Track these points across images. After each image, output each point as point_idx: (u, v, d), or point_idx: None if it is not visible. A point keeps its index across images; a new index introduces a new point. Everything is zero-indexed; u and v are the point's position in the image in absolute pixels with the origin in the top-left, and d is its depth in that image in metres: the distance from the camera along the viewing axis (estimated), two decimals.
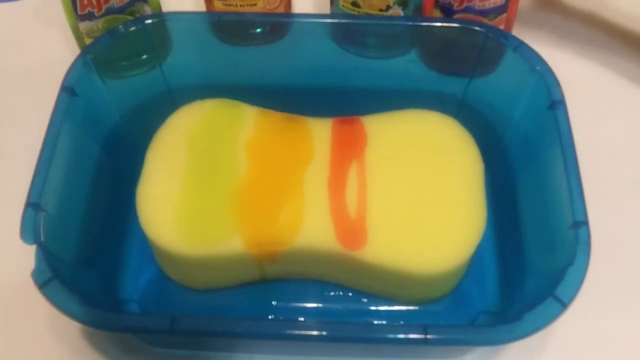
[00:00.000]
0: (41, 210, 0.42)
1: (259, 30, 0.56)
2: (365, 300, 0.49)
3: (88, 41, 0.55)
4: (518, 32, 0.54)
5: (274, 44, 0.54)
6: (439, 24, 0.53)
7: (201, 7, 0.57)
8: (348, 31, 0.54)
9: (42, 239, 0.41)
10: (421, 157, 0.49)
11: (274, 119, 0.52)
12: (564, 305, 0.39)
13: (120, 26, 0.52)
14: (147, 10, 0.56)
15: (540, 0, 0.64)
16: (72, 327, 0.47)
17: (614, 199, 0.53)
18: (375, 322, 0.49)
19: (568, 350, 0.47)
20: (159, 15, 0.54)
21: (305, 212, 0.47)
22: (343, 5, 0.54)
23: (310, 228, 0.46)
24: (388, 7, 0.53)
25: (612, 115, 0.58)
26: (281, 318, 0.49)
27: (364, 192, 0.48)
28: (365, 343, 0.44)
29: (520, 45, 0.50)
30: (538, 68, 0.48)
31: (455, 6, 0.53)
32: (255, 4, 0.56)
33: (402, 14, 0.53)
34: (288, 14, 0.58)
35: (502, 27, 0.55)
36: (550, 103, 0.47)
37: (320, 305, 0.49)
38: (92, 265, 0.47)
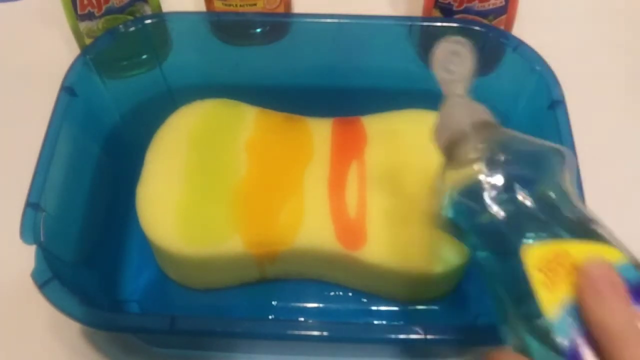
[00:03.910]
0: (41, 210, 0.42)
1: (259, 30, 0.56)
2: (365, 300, 0.49)
3: (88, 41, 0.55)
4: (518, 32, 0.54)
5: (274, 44, 0.54)
6: (439, 24, 0.53)
7: (201, 7, 0.57)
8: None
9: (42, 239, 0.41)
10: (421, 157, 0.49)
11: (274, 119, 0.52)
12: None
13: (120, 26, 0.52)
14: (147, 10, 0.56)
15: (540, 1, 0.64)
16: (72, 327, 0.47)
17: (614, 199, 0.53)
18: (375, 322, 0.49)
19: None
20: (159, 15, 0.54)
21: (305, 212, 0.47)
22: None
23: (310, 228, 0.46)
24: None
25: (612, 115, 0.58)
26: (281, 318, 0.49)
27: (363, 192, 0.48)
28: (365, 343, 0.44)
29: (520, 45, 0.50)
30: (538, 68, 0.48)
31: (455, 7, 0.53)
32: (255, 4, 0.56)
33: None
34: (288, 14, 0.58)
35: (502, 28, 0.55)
36: (550, 103, 0.47)
37: (320, 305, 0.49)
38: (92, 265, 0.47)
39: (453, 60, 0.32)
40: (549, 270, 0.26)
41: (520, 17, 0.56)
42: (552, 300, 0.26)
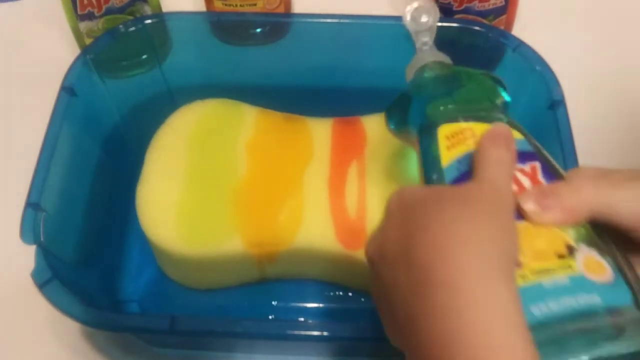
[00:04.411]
0: (41, 210, 0.42)
1: (259, 30, 0.56)
2: (365, 300, 0.49)
3: (88, 41, 0.55)
4: (518, 32, 0.54)
5: (274, 44, 0.54)
6: (439, 24, 0.53)
7: (201, 7, 0.57)
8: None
9: (42, 239, 0.41)
10: None
11: (274, 119, 0.52)
12: None
13: (120, 26, 0.52)
14: (147, 10, 0.56)
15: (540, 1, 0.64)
16: (72, 327, 0.47)
17: None
18: (375, 322, 0.49)
19: None
20: (159, 15, 0.54)
21: (305, 211, 0.47)
22: None
23: (310, 228, 0.46)
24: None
25: (611, 116, 0.58)
26: (281, 318, 0.49)
27: (363, 192, 0.48)
28: (366, 343, 0.44)
29: (520, 45, 0.50)
30: (538, 68, 0.48)
31: (455, 7, 0.53)
32: (255, 4, 0.56)
33: None
34: (288, 14, 0.58)
35: (502, 28, 0.55)
36: (550, 103, 0.47)
37: (320, 305, 0.49)
38: (92, 265, 0.47)
39: (420, 15, 0.42)
40: (454, 138, 0.34)
41: (520, 17, 0.56)
42: (449, 155, 0.34)
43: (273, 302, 0.49)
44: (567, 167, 0.44)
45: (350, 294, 0.50)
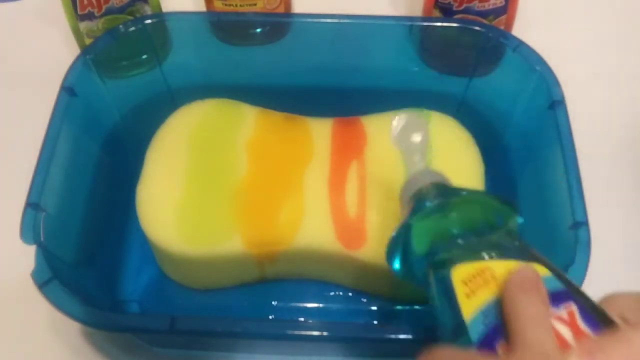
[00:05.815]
0: (41, 210, 0.42)
1: (259, 30, 0.56)
2: (365, 300, 0.49)
3: (88, 41, 0.55)
4: (518, 32, 0.54)
5: (274, 44, 0.54)
6: (439, 24, 0.53)
7: (201, 7, 0.57)
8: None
9: (42, 239, 0.41)
10: None
11: (274, 118, 0.52)
12: None
13: (120, 26, 0.52)
14: (147, 10, 0.56)
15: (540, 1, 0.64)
16: (72, 327, 0.47)
17: (614, 199, 0.53)
18: (375, 322, 0.49)
19: None
20: (159, 15, 0.54)
21: (305, 211, 0.47)
22: None
23: (310, 228, 0.46)
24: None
25: (612, 115, 0.58)
26: (281, 318, 0.49)
27: (363, 192, 0.48)
28: (365, 343, 0.44)
29: (520, 45, 0.50)
30: (538, 68, 0.48)
31: (455, 7, 0.54)
32: (255, 4, 0.56)
33: None
34: (288, 14, 0.58)
35: (502, 28, 0.55)
36: (551, 103, 0.47)
37: (320, 305, 0.49)
38: (92, 265, 0.48)
39: (408, 133, 0.39)
40: (472, 283, 0.31)
41: (520, 17, 0.56)
42: (470, 306, 0.30)
43: (273, 302, 0.49)
44: (567, 168, 0.44)
45: (350, 294, 0.50)
